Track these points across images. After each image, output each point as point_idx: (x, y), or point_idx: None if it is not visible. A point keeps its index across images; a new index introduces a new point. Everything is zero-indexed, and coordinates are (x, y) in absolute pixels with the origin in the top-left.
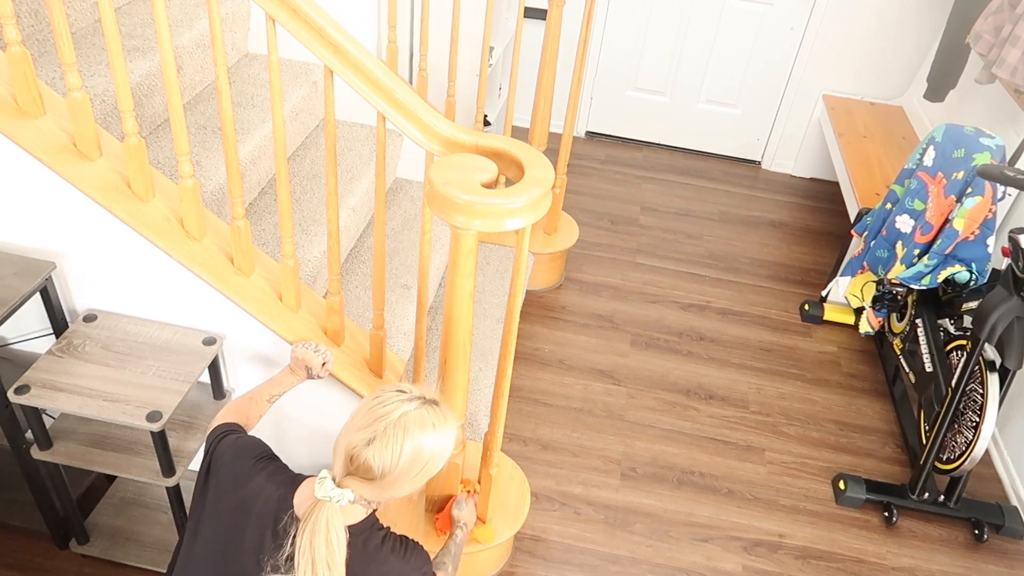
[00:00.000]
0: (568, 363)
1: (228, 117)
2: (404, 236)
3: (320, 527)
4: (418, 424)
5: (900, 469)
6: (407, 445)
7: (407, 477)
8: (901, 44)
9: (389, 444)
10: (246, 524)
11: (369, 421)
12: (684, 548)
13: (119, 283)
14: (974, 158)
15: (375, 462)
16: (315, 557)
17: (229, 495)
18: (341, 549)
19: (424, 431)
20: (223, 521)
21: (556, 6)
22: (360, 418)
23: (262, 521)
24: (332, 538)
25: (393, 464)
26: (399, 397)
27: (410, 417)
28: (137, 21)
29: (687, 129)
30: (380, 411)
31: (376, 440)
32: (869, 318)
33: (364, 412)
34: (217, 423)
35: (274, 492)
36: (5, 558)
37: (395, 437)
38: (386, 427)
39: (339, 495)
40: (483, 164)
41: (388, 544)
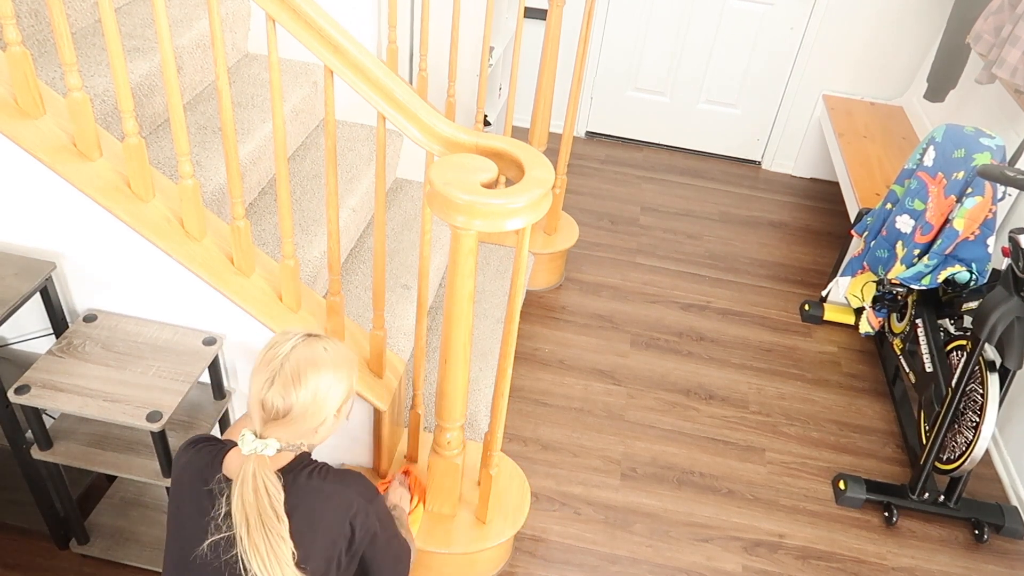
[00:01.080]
0: (568, 363)
1: (228, 117)
2: (404, 236)
3: (247, 479)
4: (308, 352)
5: (900, 469)
6: (304, 375)
7: (314, 406)
8: (901, 44)
9: (288, 378)
10: (182, 499)
11: (264, 365)
12: (684, 548)
13: (119, 283)
14: (974, 158)
15: (280, 400)
16: (247, 510)
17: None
18: (272, 494)
19: (316, 356)
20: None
21: (556, 6)
22: (258, 367)
23: (193, 490)
24: (259, 485)
25: (297, 394)
26: (284, 337)
27: (299, 349)
28: (137, 21)
29: (687, 129)
30: (271, 354)
31: (276, 378)
32: (869, 318)
33: (259, 361)
34: None
35: (199, 461)
36: (5, 558)
37: (292, 370)
38: (281, 363)
39: (262, 445)
40: (483, 164)
41: (319, 474)
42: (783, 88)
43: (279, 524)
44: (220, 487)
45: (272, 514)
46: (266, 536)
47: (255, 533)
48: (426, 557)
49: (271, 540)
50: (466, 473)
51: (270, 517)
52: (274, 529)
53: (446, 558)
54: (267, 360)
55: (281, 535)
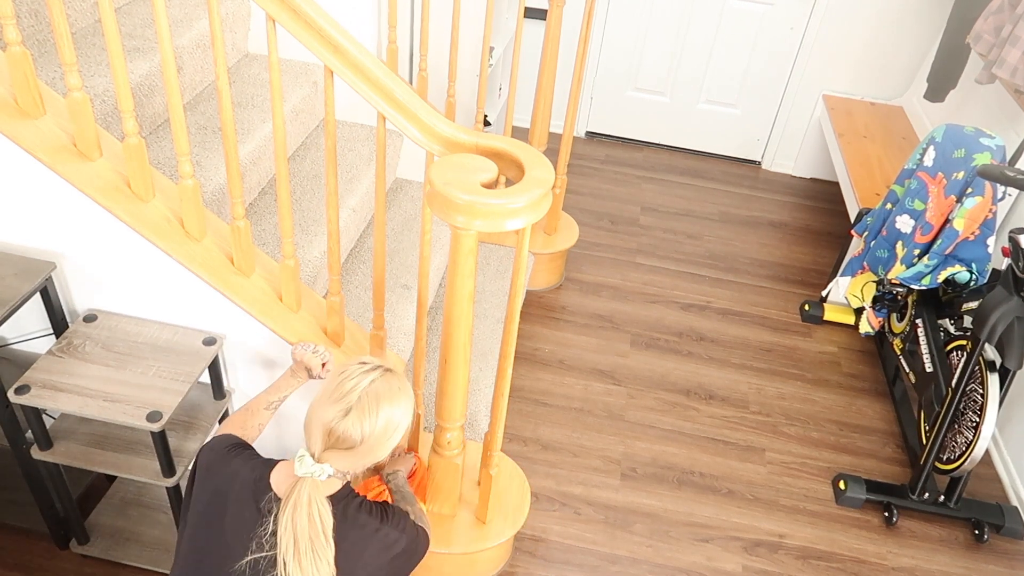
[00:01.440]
0: (568, 363)
1: (228, 117)
2: (404, 236)
3: (302, 503)
4: (387, 390)
5: (900, 469)
6: (382, 411)
7: (382, 441)
8: (901, 44)
9: (365, 412)
10: (225, 508)
11: (342, 394)
12: (684, 548)
13: (119, 283)
14: (974, 158)
15: (354, 431)
16: (297, 533)
17: (206, 486)
18: (324, 521)
19: (393, 396)
20: (202, 511)
21: (556, 6)
22: (331, 393)
23: (241, 503)
24: (314, 512)
25: (371, 430)
26: (363, 368)
27: (378, 384)
28: (137, 21)
29: (687, 129)
30: (349, 384)
31: (353, 410)
32: (869, 318)
33: (334, 387)
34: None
35: (250, 475)
36: (5, 558)
37: (369, 405)
38: (359, 397)
39: (319, 470)
40: (483, 164)
41: (364, 509)
42: (783, 88)
43: (327, 549)
44: (269, 506)
45: (323, 540)
46: (315, 560)
47: (304, 557)
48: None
49: (319, 565)
50: (466, 473)
51: (320, 543)
52: (323, 554)
53: (446, 558)
54: (344, 389)
55: (328, 560)
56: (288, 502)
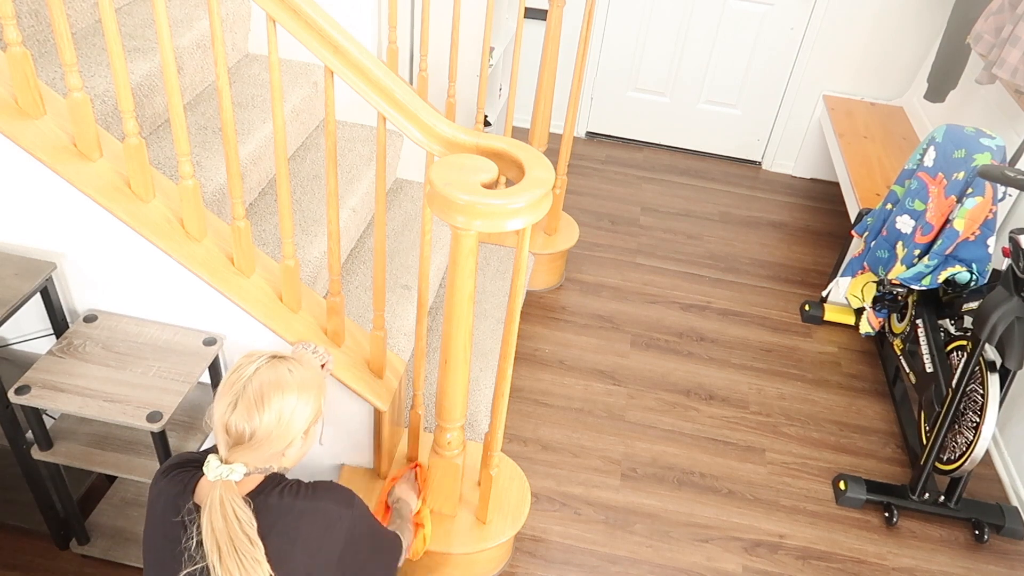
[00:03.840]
0: (568, 363)
1: (228, 117)
2: (404, 237)
3: (215, 505)
4: (272, 376)
5: (900, 470)
6: (266, 399)
7: (279, 430)
8: (901, 44)
9: (250, 402)
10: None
11: (228, 389)
12: (684, 548)
13: (120, 283)
14: (975, 158)
15: (244, 424)
16: (218, 537)
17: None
18: (243, 520)
19: (279, 381)
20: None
21: (556, 6)
22: (221, 391)
23: (165, 519)
24: (228, 512)
25: (261, 418)
26: (249, 360)
27: (262, 372)
28: (137, 21)
29: (687, 129)
30: (234, 376)
31: (239, 402)
32: (869, 318)
33: (223, 385)
34: None
35: (172, 489)
36: (5, 558)
37: (254, 395)
38: (244, 385)
39: (227, 471)
40: (483, 165)
41: (288, 493)
42: (783, 88)
43: (252, 548)
44: (191, 516)
45: (244, 539)
46: (239, 562)
47: (228, 560)
48: (426, 557)
49: (245, 565)
50: (466, 473)
51: (242, 542)
52: (248, 553)
53: (446, 558)
54: (230, 383)
55: (256, 558)
56: (205, 507)
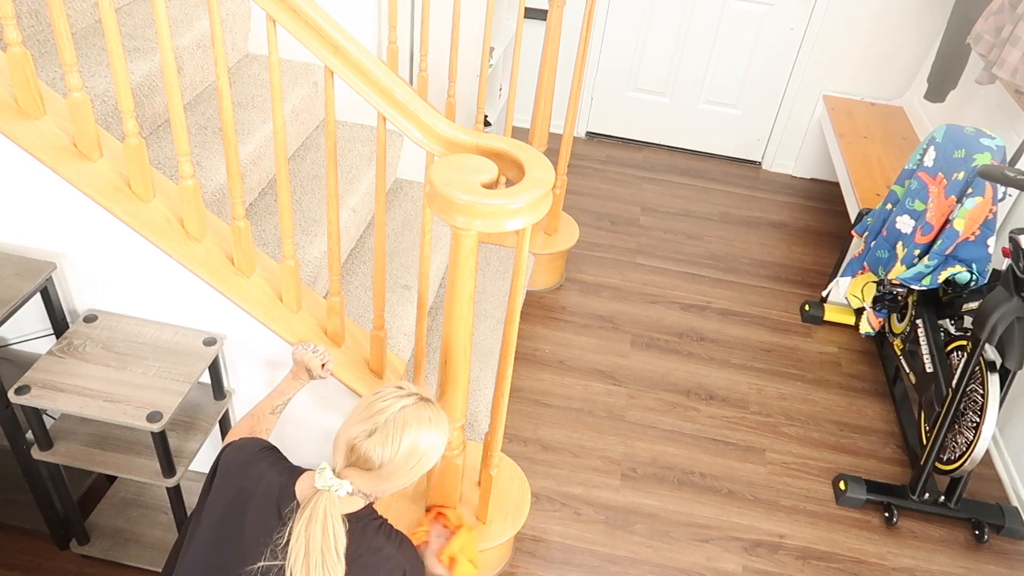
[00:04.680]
0: (568, 364)
1: (228, 117)
2: (404, 237)
3: (318, 515)
4: (415, 418)
5: (900, 470)
6: (406, 438)
7: (403, 469)
8: (901, 44)
9: (389, 436)
10: (246, 510)
11: (370, 414)
12: (684, 549)
13: (120, 283)
14: (975, 158)
15: (375, 453)
16: (310, 545)
17: (230, 484)
18: (338, 538)
19: (421, 425)
20: (222, 509)
21: (556, 6)
22: (361, 412)
23: (263, 507)
24: (328, 526)
25: (392, 455)
26: (398, 393)
27: (408, 411)
28: (137, 21)
29: (687, 129)
30: (380, 405)
31: (377, 432)
32: (869, 319)
33: (365, 407)
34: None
35: (276, 479)
36: (5, 558)
37: (394, 429)
38: (386, 420)
39: (338, 485)
40: (483, 165)
41: (383, 532)
42: (783, 88)
43: (338, 567)
44: (291, 514)
45: (335, 557)
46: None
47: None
48: None
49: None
50: (466, 473)
51: (332, 559)
52: (333, 571)
53: None
54: (373, 409)
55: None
56: (304, 512)
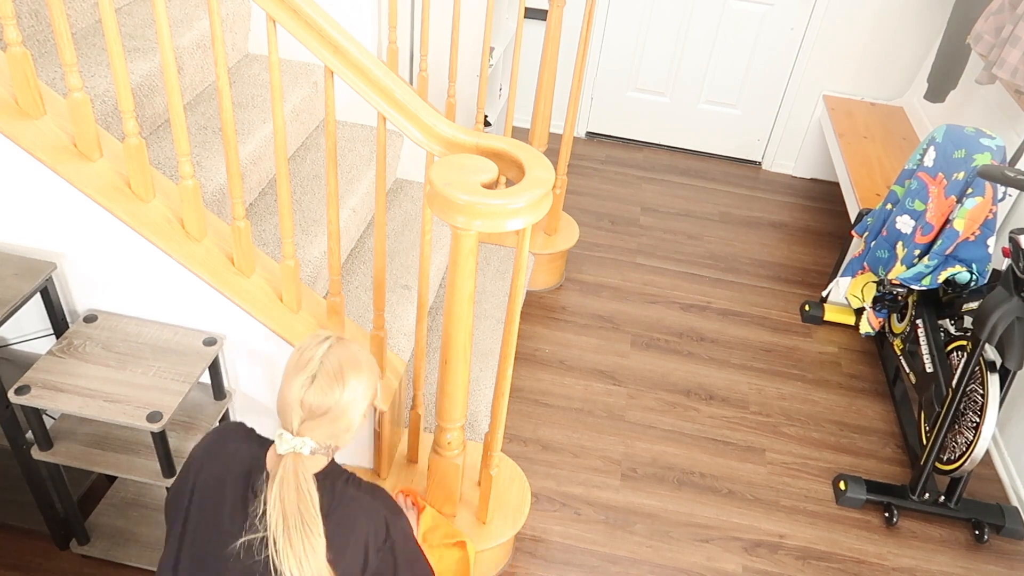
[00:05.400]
0: (568, 364)
1: (229, 118)
2: (404, 237)
3: (288, 477)
4: (344, 352)
5: (901, 470)
6: (344, 371)
7: (354, 403)
8: (901, 44)
9: (329, 374)
10: (224, 492)
11: (303, 365)
12: (684, 549)
13: (120, 283)
14: (974, 159)
15: (323, 396)
16: (286, 508)
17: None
18: (312, 494)
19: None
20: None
21: (556, 6)
22: (293, 369)
23: (236, 484)
24: (302, 485)
25: (339, 392)
26: (318, 339)
27: (335, 349)
28: (138, 21)
29: (687, 129)
30: (308, 355)
31: (317, 376)
32: (869, 319)
33: (295, 363)
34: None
35: (247, 454)
36: (5, 558)
37: (331, 367)
38: (320, 363)
39: (300, 443)
40: (483, 165)
41: (353, 484)
42: (783, 88)
43: (318, 522)
44: (262, 484)
45: (312, 513)
46: (305, 535)
47: (293, 532)
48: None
49: (311, 539)
50: (466, 473)
51: (311, 515)
52: (314, 528)
53: None
54: (303, 362)
55: (319, 533)
56: (275, 479)
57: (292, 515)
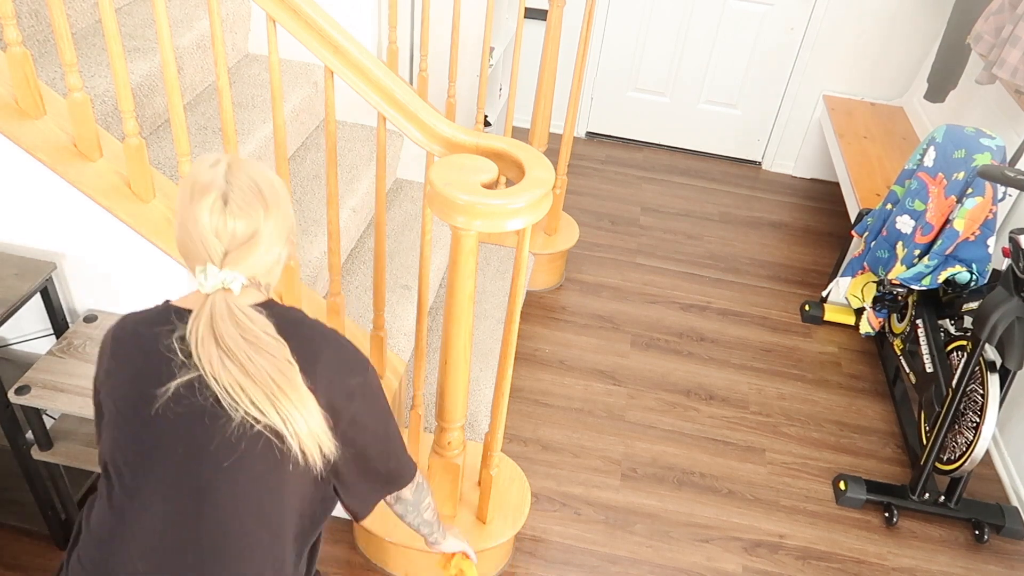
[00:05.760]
0: (568, 364)
1: (229, 118)
2: (404, 237)
3: (220, 312)
4: (249, 166)
5: (901, 470)
6: (260, 186)
7: (280, 225)
8: (901, 44)
9: (244, 192)
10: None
11: (207, 190)
12: (684, 549)
13: (120, 283)
14: (974, 159)
15: (246, 219)
16: (229, 343)
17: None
18: (257, 320)
19: (259, 170)
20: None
21: (556, 6)
22: (193, 196)
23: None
24: (237, 313)
25: (261, 210)
26: (206, 162)
27: (233, 162)
28: (138, 21)
29: (687, 129)
30: (206, 177)
31: (229, 194)
32: (870, 319)
33: (191, 190)
34: None
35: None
36: (5, 558)
37: (244, 184)
38: (225, 180)
39: (229, 277)
40: (483, 165)
41: (300, 312)
42: (783, 88)
43: (279, 344)
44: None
45: (267, 338)
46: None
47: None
48: (427, 558)
49: (277, 364)
50: (466, 473)
51: (267, 342)
52: (276, 352)
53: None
54: (201, 186)
55: (287, 358)
56: (199, 320)
57: (239, 349)
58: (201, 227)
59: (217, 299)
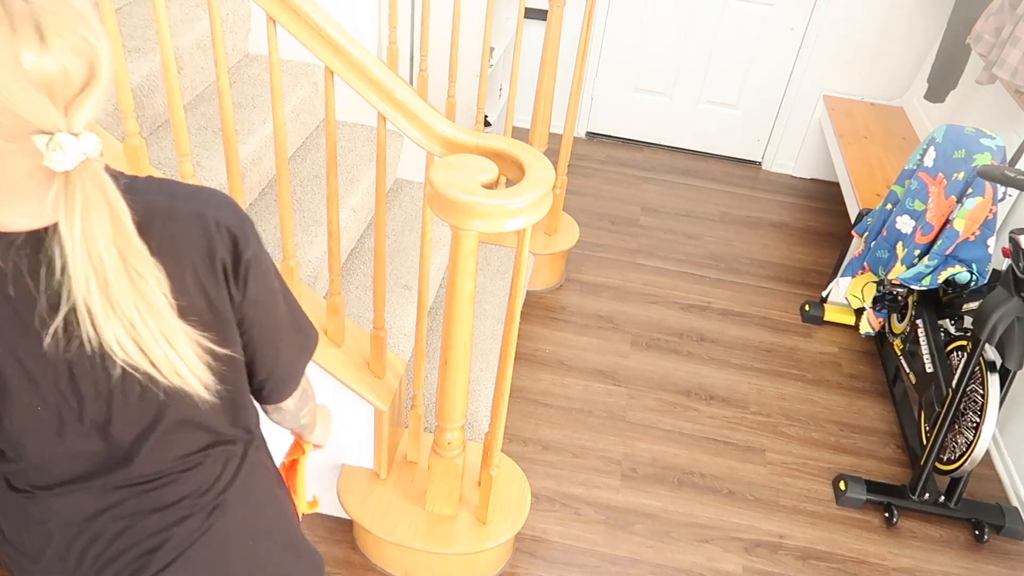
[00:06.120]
0: (568, 364)
1: (229, 118)
2: (404, 237)
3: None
4: None
5: (901, 470)
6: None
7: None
8: (901, 45)
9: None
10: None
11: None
12: (684, 549)
13: None
14: (975, 159)
15: (76, 49)
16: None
17: None
18: (126, 212)
19: None
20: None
21: (556, 6)
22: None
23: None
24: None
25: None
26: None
27: None
28: (137, 22)
29: (688, 130)
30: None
31: (43, 24)
32: (870, 319)
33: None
34: None
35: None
36: None
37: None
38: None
39: (87, 141)
40: (484, 165)
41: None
42: (783, 88)
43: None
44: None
45: (135, 245)
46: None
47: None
48: (426, 558)
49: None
50: (466, 474)
51: (135, 249)
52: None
53: (446, 558)
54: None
55: (155, 276)
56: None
57: (112, 260)
58: (18, 78)
59: (82, 178)
